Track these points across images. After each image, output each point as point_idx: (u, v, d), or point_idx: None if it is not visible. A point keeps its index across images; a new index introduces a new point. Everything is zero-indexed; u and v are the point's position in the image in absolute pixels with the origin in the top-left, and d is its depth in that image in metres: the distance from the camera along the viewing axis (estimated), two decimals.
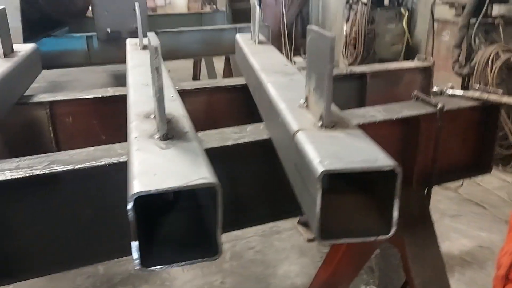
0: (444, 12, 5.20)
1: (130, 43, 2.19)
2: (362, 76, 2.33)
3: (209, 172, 0.76)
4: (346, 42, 7.04)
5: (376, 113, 1.55)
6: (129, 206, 0.69)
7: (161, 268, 0.75)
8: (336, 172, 0.77)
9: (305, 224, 3.33)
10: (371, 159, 0.81)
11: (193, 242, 0.82)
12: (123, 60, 4.83)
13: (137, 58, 1.85)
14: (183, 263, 0.77)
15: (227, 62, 5.21)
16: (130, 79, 1.49)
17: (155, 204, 0.88)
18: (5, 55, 1.86)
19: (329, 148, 0.86)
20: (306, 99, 1.13)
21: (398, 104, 1.67)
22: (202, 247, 0.79)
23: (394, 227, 0.83)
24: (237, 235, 3.28)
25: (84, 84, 6.98)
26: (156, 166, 0.79)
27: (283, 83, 1.39)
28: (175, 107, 1.12)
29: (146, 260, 0.75)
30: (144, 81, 1.44)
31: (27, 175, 1.13)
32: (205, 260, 0.78)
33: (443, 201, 3.66)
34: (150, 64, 0.88)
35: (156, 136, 0.93)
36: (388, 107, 1.61)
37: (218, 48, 4.41)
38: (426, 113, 1.53)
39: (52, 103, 1.83)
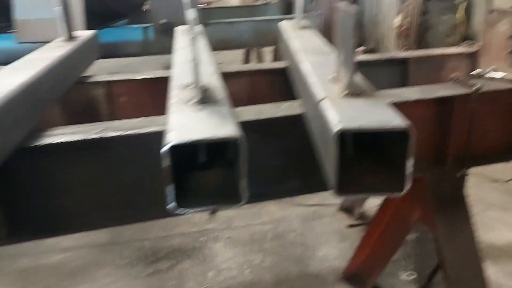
0: (503, 1, 4.97)
1: (179, 29, 2.33)
2: (404, 62, 2.33)
3: (235, 128, 0.86)
4: (398, 33, 6.90)
5: (410, 93, 1.58)
6: (165, 151, 0.79)
7: (193, 211, 0.86)
8: (352, 130, 0.83)
9: (347, 210, 3.37)
10: (386, 121, 0.87)
11: (222, 193, 0.92)
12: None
13: (183, 41, 1.98)
14: (212, 206, 0.87)
15: (276, 53, 5.30)
16: (176, 58, 1.62)
17: (188, 163, 0.99)
18: (68, 39, 2.05)
19: (349, 112, 0.92)
20: (337, 74, 1.19)
21: (435, 85, 1.68)
22: (230, 197, 0.89)
23: (407, 185, 0.88)
24: (279, 217, 3.38)
25: None
26: (189, 123, 0.89)
27: (318, 61, 1.46)
28: (213, 80, 1.23)
29: (180, 204, 0.85)
30: (187, 59, 1.56)
31: (83, 138, 1.28)
32: (231, 205, 0.87)
33: (491, 193, 3.55)
34: (190, 34, 0.99)
35: (192, 102, 1.03)
36: (423, 88, 1.63)
37: (268, 38, 4.49)
38: (460, 93, 1.54)
39: (108, 83, 2.00)
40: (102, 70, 3.08)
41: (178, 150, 0.83)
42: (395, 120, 0.87)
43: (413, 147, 0.86)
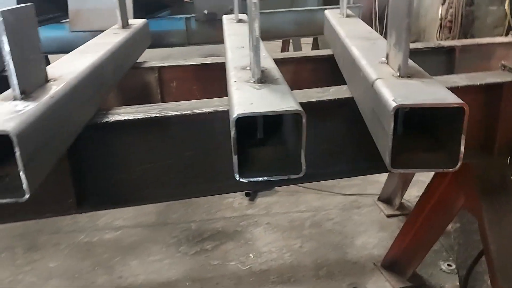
0: None
1: (226, 18, 2.40)
2: (450, 51, 2.31)
3: (296, 104, 0.92)
4: (440, 25, 6.73)
5: (458, 79, 1.59)
6: (232, 122, 0.86)
7: (255, 180, 0.93)
8: (409, 106, 0.88)
9: (385, 201, 3.37)
10: (441, 98, 0.90)
11: (282, 165, 0.98)
12: (218, 40, 5.15)
13: (232, 29, 2.06)
14: (273, 177, 0.93)
15: (315, 43, 5.30)
16: (228, 44, 1.69)
17: (249, 137, 1.06)
18: (123, 27, 2.17)
19: (403, 91, 0.96)
20: (387, 56, 1.23)
21: (483, 73, 1.68)
22: (290, 169, 0.95)
23: (460, 161, 0.92)
24: (317, 206, 3.43)
25: None
26: (252, 99, 0.96)
27: (366, 46, 1.49)
28: (268, 62, 1.29)
29: (243, 173, 0.93)
30: (239, 45, 1.63)
31: (145, 116, 1.37)
32: (291, 175, 0.93)
33: None
34: (248, 17, 1.05)
35: (252, 80, 1.10)
36: (471, 75, 1.63)
37: (308, 29, 4.51)
38: (510, 80, 1.53)
39: (160, 69, 2.10)
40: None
41: (238, 125, 0.90)
42: (450, 97, 0.91)
43: (466, 123, 0.89)
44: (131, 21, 2.34)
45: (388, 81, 1.05)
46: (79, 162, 1.37)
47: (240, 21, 2.26)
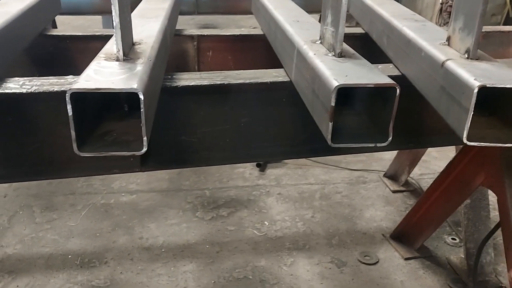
0: None
1: None
2: None
3: (388, 78, 1.00)
4: (441, 9, 6.82)
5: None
6: (333, 95, 0.95)
7: (348, 145, 1.02)
8: (492, 86, 0.97)
9: (391, 177, 3.52)
10: None
11: (365, 133, 1.08)
12: (228, 11, 5.13)
13: (274, 1, 2.10)
14: (361, 144, 1.02)
15: None
16: (280, 17, 1.74)
17: None
18: None
19: (479, 72, 1.06)
20: (448, 39, 1.32)
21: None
22: (376, 138, 1.04)
23: None
24: (325, 179, 3.56)
25: None
26: (343, 71, 1.04)
27: (417, 27, 1.57)
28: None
29: (335, 138, 1.01)
30: (293, 18, 1.69)
31: (210, 83, 1.44)
32: (377, 143, 1.02)
33: None
34: None
35: (331, 54, 1.17)
36: (506, 60, 1.74)
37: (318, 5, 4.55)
38: None
39: (199, 37, 2.15)
40: None
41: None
42: None
43: None
44: None
45: (460, 62, 1.14)
46: None
47: None
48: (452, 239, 2.84)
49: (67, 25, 6.39)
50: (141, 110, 0.89)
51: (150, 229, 2.88)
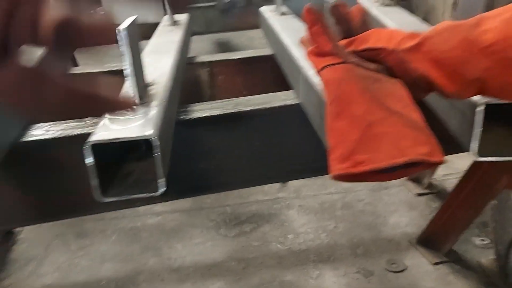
0: None
1: (266, 10, 2.48)
2: None
3: None
4: (454, 4, 6.74)
5: None
6: None
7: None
8: (498, 103, 0.99)
9: (414, 180, 3.50)
10: None
11: None
12: (237, 28, 5.20)
13: (281, 22, 2.14)
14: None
15: None
16: (285, 40, 1.78)
17: None
18: (173, 23, 2.27)
19: None
20: None
21: None
22: None
23: None
24: (345, 188, 3.56)
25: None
26: None
27: None
28: None
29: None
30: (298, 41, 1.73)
31: (222, 113, 1.49)
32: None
33: None
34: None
35: None
36: None
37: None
38: None
39: (210, 63, 2.21)
40: None
41: None
42: None
43: None
44: (175, 16, 2.43)
45: None
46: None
47: (283, 13, 2.34)
48: (481, 240, 2.80)
49: (86, 55, 6.60)
50: (155, 155, 0.94)
51: (177, 250, 2.94)
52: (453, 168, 3.65)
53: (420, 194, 3.37)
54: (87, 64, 2.18)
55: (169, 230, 3.15)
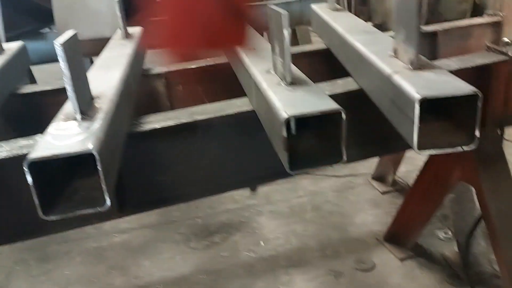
0: None
1: None
2: (433, 35, 2.48)
3: (334, 103, 1.05)
4: None
5: (450, 62, 1.75)
6: (284, 127, 0.99)
7: (306, 170, 1.06)
8: (432, 97, 1.02)
9: (378, 179, 3.57)
10: (457, 87, 1.05)
11: (323, 154, 1.12)
12: None
13: None
14: (318, 167, 1.06)
15: (294, 34, 5.43)
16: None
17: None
18: (126, 37, 2.25)
19: (422, 83, 1.11)
20: (395, 51, 1.37)
21: (471, 55, 1.85)
22: (331, 159, 1.08)
23: (477, 139, 1.07)
24: (314, 190, 3.59)
25: None
26: (293, 101, 1.08)
27: (368, 40, 1.63)
28: None
29: (293, 166, 1.05)
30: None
31: (176, 123, 1.48)
32: (334, 163, 1.07)
33: None
34: (272, 24, 1.17)
35: (283, 84, 1.22)
36: (461, 58, 1.80)
37: (299, 20, 4.61)
38: (498, 60, 1.71)
39: (167, 74, 2.19)
40: None
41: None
42: (465, 87, 1.06)
43: (480, 107, 1.04)
44: (129, 29, 2.41)
45: (404, 74, 1.19)
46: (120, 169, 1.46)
47: None
48: (445, 233, 2.88)
49: (47, 72, 6.44)
50: (99, 169, 0.92)
51: (145, 267, 2.88)
52: (414, 165, 3.74)
53: (384, 192, 3.43)
54: (45, 81, 2.13)
55: (136, 247, 3.09)
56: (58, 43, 1.00)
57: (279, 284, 2.62)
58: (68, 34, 1.10)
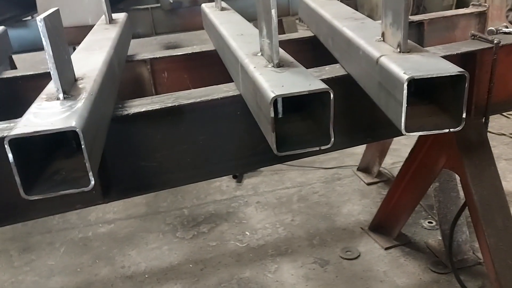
0: None
1: (207, 6, 2.47)
2: (420, 24, 2.49)
3: (322, 83, 1.04)
4: None
5: (437, 50, 1.75)
6: (271, 107, 0.98)
7: (294, 151, 1.05)
8: (419, 77, 1.02)
9: (364, 170, 3.59)
10: (444, 68, 1.05)
11: (311, 138, 1.11)
12: (184, 29, 5.12)
13: (220, 17, 2.13)
14: (305, 149, 1.06)
15: (280, 25, 5.42)
16: (225, 32, 1.77)
17: None
18: (110, 22, 2.21)
19: (409, 65, 1.11)
20: (383, 34, 1.37)
21: (457, 43, 1.86)
22: (319, 141, 1.08)
23: (463, 121, 1.08)
24: (301, 181, 3.60)
25: None
26: (280, 81, 1.07)
27: (356, 26, 1.63)
28: None
29: (280, 148, 1.04)
30: (237, 32, 1.72)
31: (162, 107, 1.46)
32: (321, 146, 1.06)
33: (498, 146, 3.78)
34: (260, 6, 1.16)
35: (270, 65, 1.21)
36: (447, 46, 1.81)
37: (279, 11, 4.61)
38: (483, 48, 1.72)
39: (152, 60, 2.16)
40: None
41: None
42: (452, 67, 1.06)
43: (467, 88, 1.05)
44: (114, 15, 2.37)
45: (392, 57, 1.19)
46: (102, 153, 1.44)
47: (223, 9, 2.34)
48: (429, 222, 2.91)
49: (28, 62, 6.31)
50: (83, 146, 0.90)
51: (132, 257, 2.86)
52: (401, 156, 3.77)
53: (370, 183, 3.45)
54: (24, 67, 2.08)
55: (122, 238, 3.06)
56: (41, 18, 0.97)
57: (266, 272, 2.62)
58: (51, 10, 1.07)
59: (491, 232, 1.84)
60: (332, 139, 1.06)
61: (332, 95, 1.01)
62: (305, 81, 1.07)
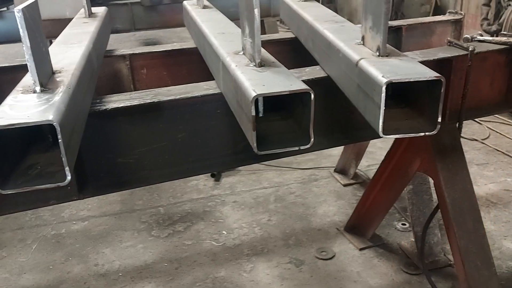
0: None
1: (189, 4, 2.46)
2: (398, 30, 2.55)
3: (302, 83, 1.05)
4: None
5: (414, 56, 1.79)
6: (252, 105, 0.98)
7: (273, 151, 1.05)
8: (397, 81, 1.04)
9: (341, 172, 3.63)
10: (422, 72, 1.08)
11: (291, 138, 1.12)
12: (164, 25, 5.08)
13: (202, 15, 2.13)
14: (285, 149, 1.07)
15: (261, 26, 5.44)
16: (206, 30, 1.77)
17: None
18: (89, 15, 2.17)
19: (388, 68, 1.13)
20: (363, 38, 1.39)
21: (433, 49, 1.91)
22: (299, 141, 1.09)
23: (439, 125, 1.11)
24: (278, 182, 3.61)
25: None
26: (262, 81, 1.08)
27: (336, 28, 1.65)
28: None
29: (260, 147, 1.05)
30: (219, 31, 1.72)
31: (140, 103, 1.44)
32: (301, 146, 1.07)
33: (470, 151, 3.89)
34: (243, 5, 1.16)
35: (252, 65, 1.22)
36: (424, 51, 1.85)
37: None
38: (458, 54, 1.77)
39: (131, 56, 2.13)
40: None
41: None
42: (429, 72, 1.08)
43: (443, 93, 1.07)
44: (93, 9, 2.33)
45: (371, 60, 1.21)
46: (79, 149, 1.41)
47: (205, 7, 2.33)
48: (402, 224, 2.97)
49: (2, 54, 6.14)
50: (59, 140, 0.88)
51: (105, 255, 2.81)
52: (376, 159, 3.84)
53: (346, 185, 3.50)
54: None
55: (96, 235, 3.01)
56: (19, 8, 0.95)
57: (242, 272, 2.62)
58: (29, 1, 1.05)
59: (462, 234, 1.89)
60: (312, 139, 1.07)
61: (313, 96, 1.02)
62: (286, 81, 1.07)
